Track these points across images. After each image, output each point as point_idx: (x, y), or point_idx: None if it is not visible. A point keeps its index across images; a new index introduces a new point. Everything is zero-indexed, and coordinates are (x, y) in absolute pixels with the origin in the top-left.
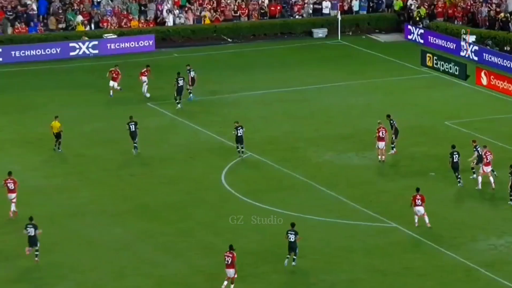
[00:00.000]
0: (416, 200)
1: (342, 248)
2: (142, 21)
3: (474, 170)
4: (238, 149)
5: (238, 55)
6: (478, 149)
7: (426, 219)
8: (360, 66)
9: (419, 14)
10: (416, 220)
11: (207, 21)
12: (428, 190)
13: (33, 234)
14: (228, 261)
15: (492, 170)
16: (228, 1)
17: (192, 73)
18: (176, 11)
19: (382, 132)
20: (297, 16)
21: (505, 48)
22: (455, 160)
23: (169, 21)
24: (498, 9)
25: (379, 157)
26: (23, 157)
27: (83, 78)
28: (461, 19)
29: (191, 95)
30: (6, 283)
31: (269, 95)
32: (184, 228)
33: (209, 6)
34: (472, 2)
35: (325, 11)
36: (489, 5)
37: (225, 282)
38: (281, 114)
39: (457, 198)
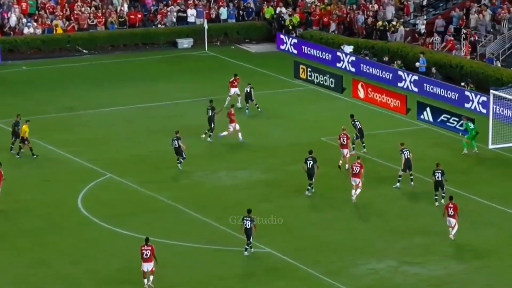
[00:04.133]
0: (448, 209)
1: (214, 276)
2: None
3: (400, 179)
4: (177, 161)
5: (95, 68)
6: (405, 152)
7: (454, 230)
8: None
9: (291, 23)
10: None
11: (60, 31)
12: (305, 210)
13: None
14: (147, 255)
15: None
16: (83, 9)
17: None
18: (24, 20)
19: (343, 139)
20: (159, 25)
21: (384, 58)
22: (309, 167)
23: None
24: (374, 19)
25: (340, 163)
26: None
27: None
28: (336, 27)
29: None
30: None
31: (131, 111)
32: (39, 258)
33: (61, 14)
34: (347, 10)
35: (191, 19)
36: (366, 13)
37: (145, 281)
38: (146, 131)
39: (336, 219)
